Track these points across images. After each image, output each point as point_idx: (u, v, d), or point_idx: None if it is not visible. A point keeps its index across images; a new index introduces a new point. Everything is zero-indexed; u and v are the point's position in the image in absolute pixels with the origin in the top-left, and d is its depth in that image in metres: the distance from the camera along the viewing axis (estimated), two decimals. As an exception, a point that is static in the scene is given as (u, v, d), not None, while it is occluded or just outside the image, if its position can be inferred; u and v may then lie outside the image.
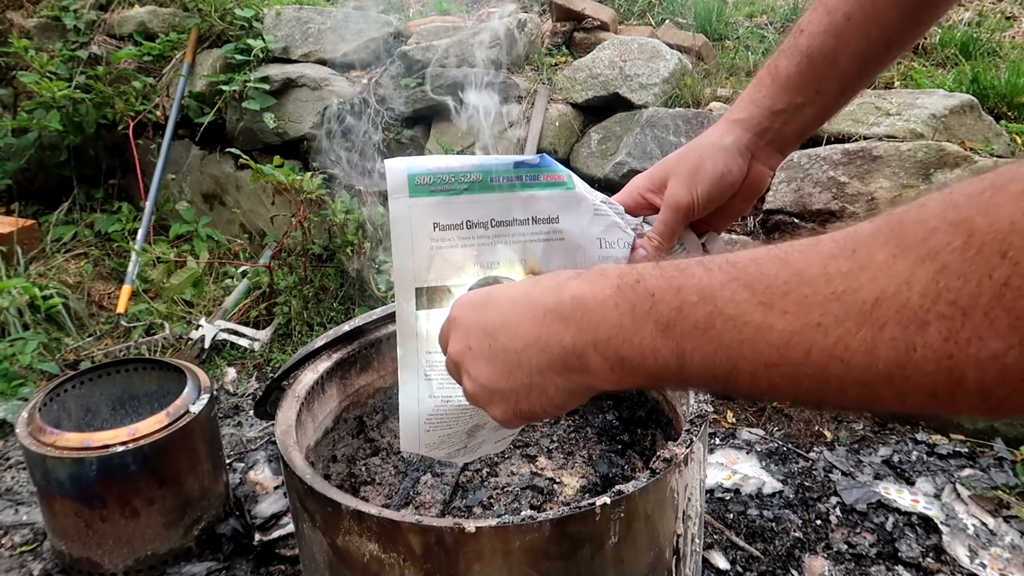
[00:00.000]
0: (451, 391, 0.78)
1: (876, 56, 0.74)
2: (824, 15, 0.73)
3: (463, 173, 0.75)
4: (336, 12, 3.22)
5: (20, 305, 2.65)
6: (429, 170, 0.74)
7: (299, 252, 2.80)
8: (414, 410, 0.79)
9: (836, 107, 0.78)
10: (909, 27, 0.72)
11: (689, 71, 2.66)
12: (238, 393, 2.53)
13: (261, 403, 1.25)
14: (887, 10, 0.70)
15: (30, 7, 3.81)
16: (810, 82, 0.75)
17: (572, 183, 0.80)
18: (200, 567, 1.72)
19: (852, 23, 0.72)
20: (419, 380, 0.78)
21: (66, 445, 1.60)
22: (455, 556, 0.91)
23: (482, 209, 0.76)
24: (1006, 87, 2.35)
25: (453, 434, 0.82)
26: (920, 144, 2.14)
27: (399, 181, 0.74)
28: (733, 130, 0.79)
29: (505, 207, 0.76)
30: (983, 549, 1.75)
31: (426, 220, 0.74)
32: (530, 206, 0.77)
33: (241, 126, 3.15)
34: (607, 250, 0.80)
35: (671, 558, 1.05)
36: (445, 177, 0.74)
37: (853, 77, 0.75)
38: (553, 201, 0.78)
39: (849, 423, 2.24)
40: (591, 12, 2.97)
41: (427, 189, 0.74)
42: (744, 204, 0.84)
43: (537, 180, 0.78)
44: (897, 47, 0.74)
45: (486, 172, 0.76)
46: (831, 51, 0.73)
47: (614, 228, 0.81)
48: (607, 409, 1.43)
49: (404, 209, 0.74)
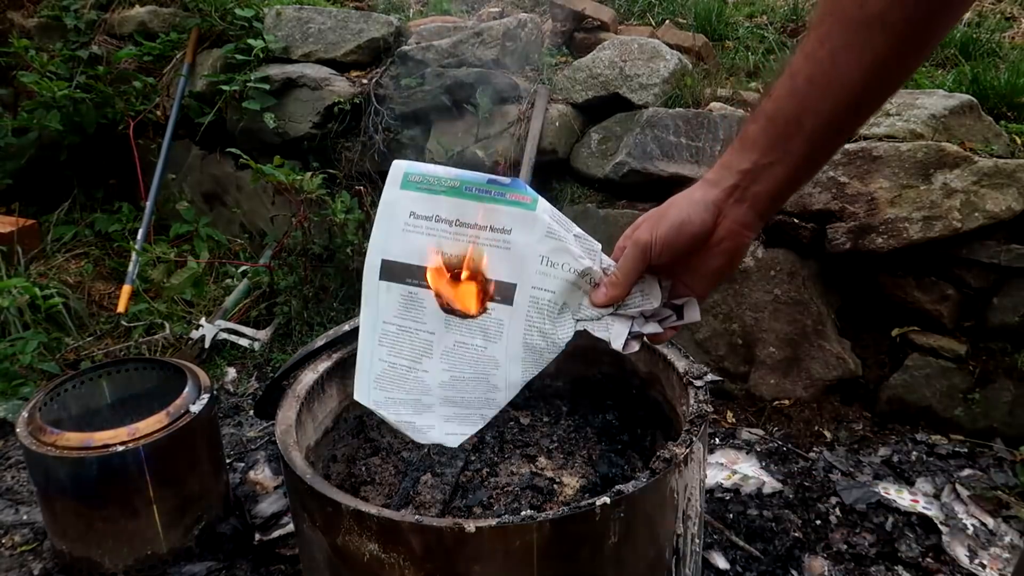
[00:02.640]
0: (398, 359, 0.94)
1: (842, 118, 0.74)
2: (787, 79, 0.75)
3: (445, 179, 0.91)
4: (336, 12, 3.22)
5: (20, 305, 2.64)
6: (420, 172, 0.92)
7: (299, 252, 2.80)
8: (367, 367, 0.96)
9: (809, 168, 0.79)
10: (874, 89, 0.72)
11: (689, 71, 2.66)
12: (238, 393, 2.53)
13: (261, 403, 1.25)
14: (849, 72, 0.70)
15: (30, 7, 3.81)
16: (775, 143, 0.76)
17: (535, 207, 0.91)
18: (200, 567, 1.72)
19: (814, 86, 0.72)
20: (374, 344, 0.95)
21: (66, 445, 1.60)
22: (455, 556, 0.91)
23: (451, 209, 0.91)
24: (1006, 87, 2.35)
25: (398, 399, 0.96)
26: (920, 144, 2.14)
27: (396, 175, 0.92)
28: (703, 187, 0.83)
29: (470, 212, 0.91)
30: (982, 549, 1.75)
31: (406, 208, 0.92)
32: (491, 216, 0.91)
33: (241, 126, 3.15)
34: (548, 268, 0.89)
35: (671, 558, 1.05)
36: (431, 179, 0.92)
37: (820, 139, 0.75)
38: (511, 216, 0.90)
39: (849, 423, 2.25)
40: (591, 12, 2.97)
41: (415, 185, 0.92)
42: (719, 262, 0.84)
43: (503, 197, 0.91)
44: (866, 109, 0.75)
45: (463, 182, 0.91)
46: (793, 114, 0.74)
47: (562, 252, 0.90)
48: (607, 409, 1.43)
49: (393, 196, 0.92)
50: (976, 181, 2.08)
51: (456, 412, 0.97)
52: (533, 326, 0.90)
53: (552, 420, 1.46)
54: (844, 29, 0.70)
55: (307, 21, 3.22)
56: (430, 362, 0.94)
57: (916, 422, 2.23)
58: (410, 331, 0.94)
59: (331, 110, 2.97)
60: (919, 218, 2.11)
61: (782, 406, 2.31)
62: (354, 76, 3.10)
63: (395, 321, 0.94)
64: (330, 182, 2.95)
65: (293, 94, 3.07)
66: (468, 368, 0.93)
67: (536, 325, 0.90)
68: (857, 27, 0.69)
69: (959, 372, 2.16)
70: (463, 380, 0.94)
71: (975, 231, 2.09)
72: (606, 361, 1.46)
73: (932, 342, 2.20)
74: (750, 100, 2.50)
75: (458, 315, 0.92)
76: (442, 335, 0.93)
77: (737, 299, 2.32)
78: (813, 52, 0.73)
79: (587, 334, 0.91)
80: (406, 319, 0.94)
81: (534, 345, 0.91)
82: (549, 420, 1.46)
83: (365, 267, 0.92)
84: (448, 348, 0.93)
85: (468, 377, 0.94)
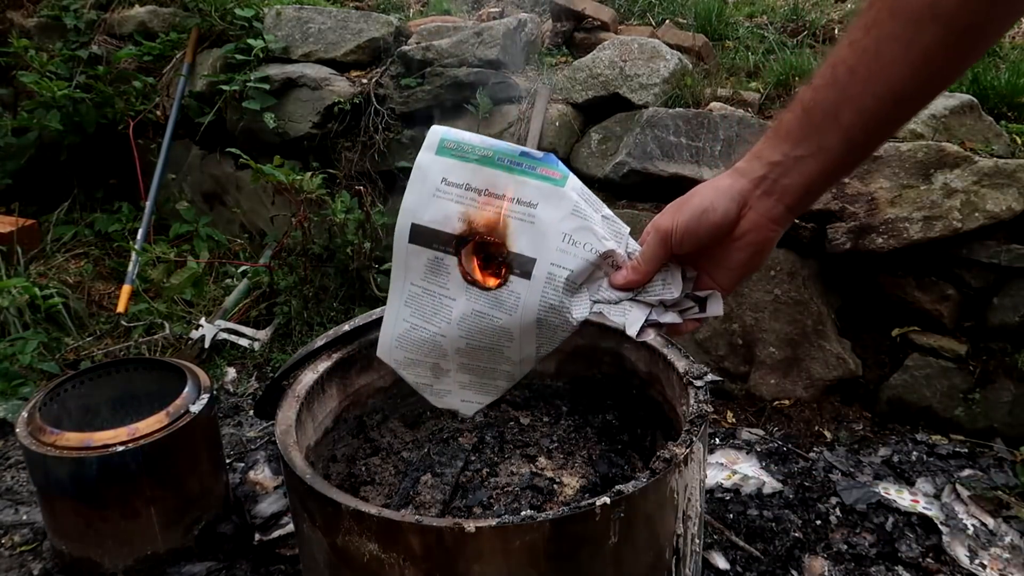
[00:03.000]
0: (419, 321, 0.96)
1: (884, 114, 0.69)
2: (828, 68, 0.70)
3: (479, 148, 0.92)
4: (336, 12, 3.22)
5: (20, 305, 2.64)
6: (456, 139, 0.93)
7: (299, 252, 2.80)
8: (391, 324, 0.98)
9: (844, 165, 0.74)
10: (920, 85, 0.67)
11: (689, 71, 2.66)
12: (238, 393, 2.53)
13: (261, 403, 1.25)
14: (894, 66, 0.66)
15: (30, 7, 3.81)
16: (809, 136, 0.73)
17: (564, 183, 0.90)
18: (200, 567, 1.72)
19: (856, 78, 0.68)
20: (400, 304, 0.97)
21: (66, 445, 1.60)
22: (455, 556, 0.91)
23: (482, 178, 0.91)
24: (1006, 87, 2.35)
25: (418, 360, 0.99)
26: (920, 144, 2.14)
27: (433, 140, 0.94)
28: (731, 176, 0.79)
29: (500, 183, 0.91)
30: (983, 549, 1.75)
31: (439, 174, 0.92)
32: (519, 189, 0.90)
33: (241, 126, 3.15)
34: (569, 246, 0.88)
35: (671, 558, 1.05)
36: (465, 147, 0.92)
37: (859, 135, 0.70)
38: (539, 191, 0.90)
39: (849, 423, 2.24)
40: (591, 12, 2.97)
41: (449, 152, 0.92)
42: (743, 255, 0.80)
43: (534, 171, 0.91)
44: (909, 107, 0.70)
45: (497, 152, 0.91)
46: (831, 106, 0.70)
47: (586, 232, 0.89)
48: (607, 409, 1.43)
49: (427, 161, 0.93)
50: (976, 181, 2.08)
51: (472, 380, 1.00)
52: (548, 302, 0.89)
53: (552, 420, 1.46)
54: (892, 17, 0.65)
55: (307, 21, 3.22)
56: (449, 327, 0.95)
57: (916, 422, 2.23)
58: (434, 295, 0.95)
59: (331, 110, 2.97)
60: (919, 218, 2.11)
61: (782, 406, 2.31)
62: (354, 76, 3.10)
63: (421, 284, 0.95)
64: (330, 182, 2.95)
65: (293, 94, 3.07)
66: (484, 338, 0.94)
67: (551, 302, 0.89)
68: (906, 16, 0.64)
69: (959, 372, 2.16)
70: (479, 349, 0.95)
71: (975, 231, 2.09)
72: (606, 361, 1.46)
73: (932, 342, 2.20)
74: (750, 100, 2.50)
75: (478, 286, 0.92)
76: (462, 302, 0.93)
77: (737, 299, 2.32)
78: (857, 41, 0.68)
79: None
80: (431, 283, 0.95)
81: (548, 321, 0.91)
82: (549, 420, 1.46)
83: (396, 230, 0.93)
84: (466, 315, 0.93)
85: (484, 346, 0.95)
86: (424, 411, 1.50)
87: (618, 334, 1.40)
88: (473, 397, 1.02)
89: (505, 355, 0.95)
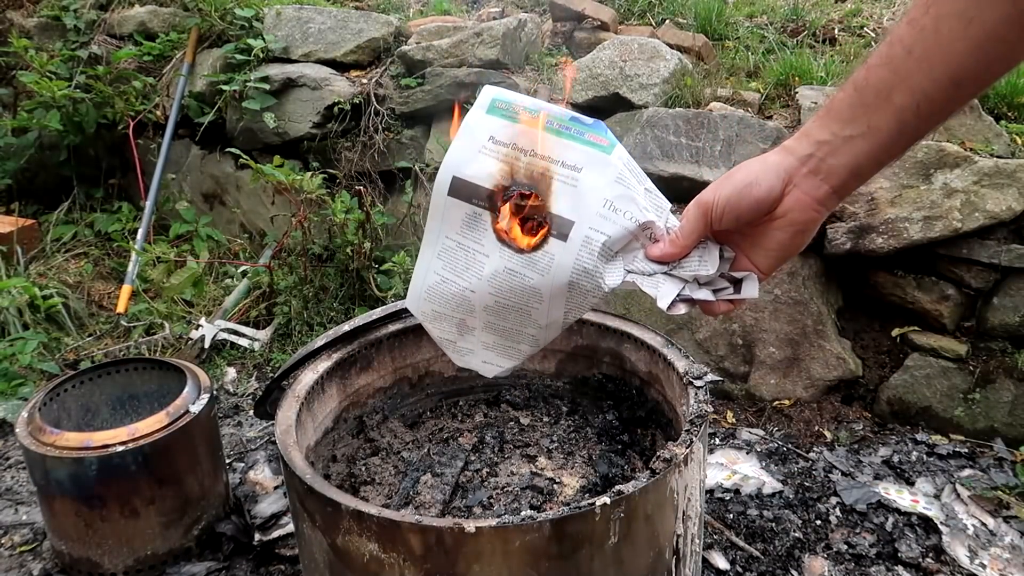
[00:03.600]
0: (450, 275, 0.96)
1: (940, 96, 0.66)
2: (885, 46, 0.68)
3: (530, 109, 0.91)
4: (336, 12, 3.22)
5: (20, 305, 2.64)
6: (507, 99, 0.92)
7: (299, 252, 2.80)
8: (422, 276, 0.98)
9: (895, 147, 0.71)
10: (979, 66, 0.64)
11: (689, 71, 2.66)
12: (238, 393, 2.53)
13: (261, 403, 1.25)
14: (953, 44, 0.63)
15: (30, 7, 3.81)
16: (859, 115, 0.70)
17: (610, 151, 0.90)
18: (200, 567, 1.72)
19: (912, 56, 0.65)
20: (433, 256, 0.97)
21: (66, 445, 1.60)
22: (455, 556, 0.91)
23: (529, 139, 0.91)
24: (1006, 87, 2.35)
25: (444, 315, 0.99)
26: (920, 144, 2.14)
27: (485, 99, 0.93)
28: (779, 153, 0.77)
29: (548, 145, 0.90)
30: (983, 549, 1.75)
31: (487, 131, 0.92)
32: (565, 152, 0.90)
33: (241, 126, 3.15)
34: (610, 212, 0.88)
35: (671, 558, 1.05)
36: (516, 107, 0.91)
37: (911, 116, 0.68)
38: (585, 155, 0.89)
39: (849, 423, 2.24)
40: (591, 12, 2.97)
41: (500, 111, 0.92)
42: (784, 236, 0.79)
43: (582, 136, 0.90)
44: (968, 90, 0.66)
45: (548, 115, 0.90)
46: (884, 85, 0.68)
47: (628, 200, 0.88)
48: (607, 409, 1.43)
49: (476, 119, 0.92)
50: (976, 181, 2.08)
51: (496, 341, 1.00)
52: (582, 266, 0.88)
53: (552, 420, 1.46)
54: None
55: (307, 21, 3.22)
56: (479, 283, 0.94)
57: (916, 422, 2.23)
58: (468, 249, 0.94)
59: (331, 110, 2.97)
60: (919, 218, 2.11)
61: (782, 406, 2.31)
62: (354, 76, 3.10)
63: (455, 238, 0.95)
64: (330, 182, 2.95)
65: (293, 94, 3.07)
66: (513, 297, 0.93)
67: (585, 265, 0.88)
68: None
69: (959, 372, 2.16)
70: (507, 308, 0.95)
71: (975, 231, 2.09)
72: (606, 361, 1.46)
73: (932, 342, 2.20)
74: (750, 100, 2.50)
75: (512, 247, 0.92)
76: (495, 259, 0.92)
77: (737, 299, 2.32)
78: (916, 19, 0.65)
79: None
80: (467, 237, 0.94)
81: (579, 285, 0.90)
82: (549, 420, 1.46)
83: (436, 182, 0.93)
84: (498, 272, 0.92)
85: (512, 306, 0.94)
86: (424, 411, 1.50)
87: (618, 334, 1.41)
88: (495, 359, 1.01)
89: (532, 317, 0.94)
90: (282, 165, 2.67)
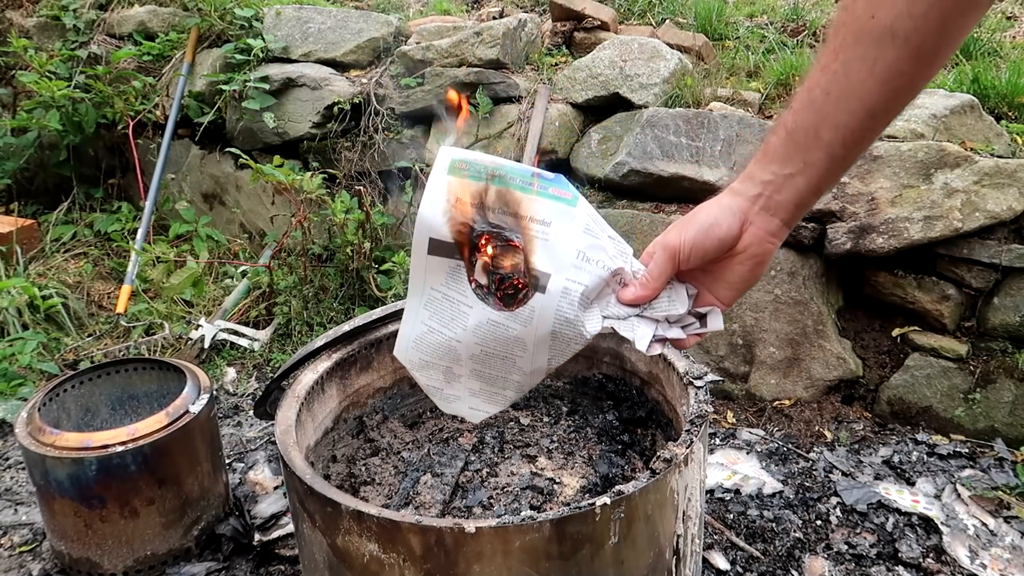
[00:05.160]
0: (437, 325, 0.98)
1: (859, 128, 0.75)
2: (805, 92, 0.76)
3: (490, 168, 0.92)
4: (336, 12, 3.21)
5: (20, 305, 2.64)
6: (467, 159, 0.94)
7: (299, 252, 2.80)
8: (410, 326, 1.00)
9: (830, 177, 0.80)
10: (888, 100, 0.73)
11: (689, 71, 2.66)
12: (238, 393, 2.53)
13: (261, 403, 1.25)
14: (863, 84, 0.72)
15: (30, 6, 3.81)
16: (794, 155, 0.78)
17: (575, 203, 0.92)
18: (200, 567, 1.72)
19: (830, 98, 0.74)
20: (420, 306, 0.99)
21: (65, 445, 1.60)
22: (455, 556, 0.91)
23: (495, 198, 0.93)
24: (1007, 87, 2.35)
25: (432, 363, 1.01)
26: (920, 144, 2.13)
27: (444, 161, 0.94)
28: (729, 195, 0.85)
29: (514, 202, 0.92)
30: (983, 549, 1.74)
31: (452, 192, 0.93)
32: (532, 207, 0.92)
33: (241, 126, 3.15)
34: (583, 262, 0.90)
35: (671, 558, 1.04)
36: (477, 167, 0.92)
37: (839, 149, 0.76)
38: (552, 210, 0.92)
39: (849, 423, 2.24)
40: (591, 12, 2.97)
41: (461, 172, 0.93)
42: (745, 269, 0.86)
43: (546, 191, 0.92)
44: (882, 120, 0.76)
45: (509, 172, 0.92)
46: (811, 126, 0.76)
47: (598, 249, 0.91)
48: (607, 409, 1.43)
49: (440, 180, 0.93)
50: (977, 181, 2.08)
51: (482, 388, 1.01)
52: (563, 315, 0.91)
53: (552, 420, 1.46)
54: (856, 41, 0.71)
55: (307, 21, 3.22)
56: (464, 334, 0.96)
57: (917, 422, 2.23)
58: (452, 300, 0.97)
59: (331, 110, 2.97)
60: (920, 218, 2.11)
61: (782, 406, 2.30)
62: (354, 76, 3.09)
63: (441, 289, 0.97)
64: (330, 182, 2.95)
65: (293, 94, 3.07)
66: (498, 346, 0.96)
67: (566, 315, 0.91)
68: (868, 39, 0.70)
69: (960, 372, 2.16)
70: (492, 356, 0.97)
71: (976, 231, 2.09)
72: (606, 361, 1.45)
73: (933, 342, 2.20)
74: (750, 100, 2.50)
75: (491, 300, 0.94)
76: (478, 310, 0.95)
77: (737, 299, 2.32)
78: (828, 64, 0.74)
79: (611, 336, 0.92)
80: (451, 289, 0.96)
81: (562, 334, 0.92)
82: (549, 420, 1.46)
83: (414, 241, 0.95)
84: (481, 323, 0.95)
85: (496, 354, 0.96)
86: (424, 411, 1.50)
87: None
88: (481, 405, 1.03)
89: (517, 365, 0.97)
90: (282, 165, 2.67)
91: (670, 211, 2.39)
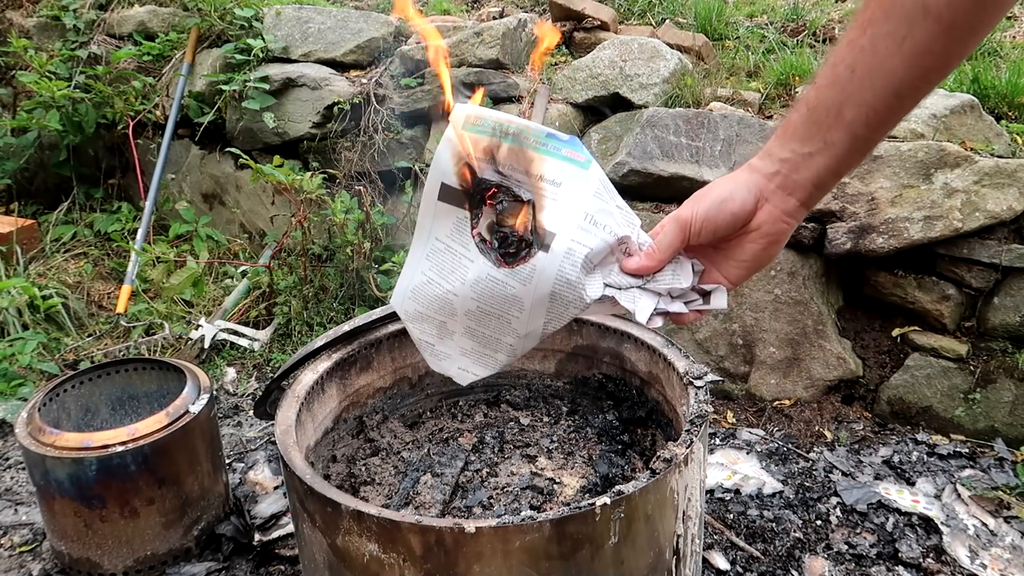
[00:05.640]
0: (436, 276, 0.97)
1: (884, 108, 0.72)
2: (829, 68, 0.74)
3: (506, 126, 0.91)
4: (336, 12, 3.21)
5: (20, 305, 2.64)
6: (481, 115, 0.93)
7: (299, 252, 2.80)
8: (409, 275, 1.00)
9: (851, 157, 0.77)
10: (915, 79, 0.70)
11: (689, 71, 2.66)
12: (238, 393, 2.53)
13: (261, 403, 1.25)
14: (890, 61, 0.69)
15: (30, 6, 3.81)
16: (815, 133, 0.76)
17: (587, 167, 0.91)
18: (200, 567, 1.72)
19: (855, 75, 0.72)
20: (421, 256, 0.98)
21: (65, 445, 1.60)
22: (455, 556, 0.91)
23: (508, 155, 0.92)
24: (1007, 87, 2.34)
25: (426, 316, 1.00)
26: (921, 144, 2.13)
27: (458, 116, 0.93)
28: (747, 171, 0.83)
29: (526, 160, 0.91)
30: (984, 550, 1.74)
31: (466, 144, 0.92)
32: (544, 166, 0.91)
33: (241, 126, 3.15)
34: (590, 225, 0.89)
35: (671, 558, 1.04)
36: (492, 124, 0.92)
37: (862, 129, 0.74)
38: (563, 171, 0.91)
39: (849, 423, 2.24)
40: (591, 12, 2.97)
41: (475, 128, 0.92)
42: (757, 248, 0.84)
43: (559, 152, 0.91)
44: (908, 100, 0.73)
45: (524, 131, 0.91)
46: (834, 104, 0.74)
47: (606, 214, 0.90)
48: (607, 409, 1.43)
49: (455, 132, 0.92)
50: (977, 181, 2.08)
51: (474, 347, 1.00)
52: (565, 277, 0.89)
53: (552, 420, 1.46)
54: (886, 16, 0.69)
55: (306, 21, 3.22)
56: (462, 288, 0.95)
57: (917, 422, 2.23)
58: (455, 252, 0.96)
59: (331, 110, 2.97)
60: (920, 218, 2.11)
61: (782, 406, 2.30)
62: (354, 76, 3.09)
63: (445, 240, 0.96)
64: (330, 182, 2.95)
65: (293, 94, 3.07)
66: (494, 304, 0.95)
67: (568, 276, 0.89)
68: (899, 13, 0.68)
69: (960, 372, 2.16)
70: (487, 315, 0.96)
71: (976, 231, 2.08)
72: (606, 361, 1.45)
73: (933, 342, 2.20)
74: (750, 100, 2.50)
75: (491, 255, 0.94)
76: (479, 264, 0.94)
77: (737, 299, 2.32)
78: (855, 40, 0.71)
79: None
80: (455, 241, 0.96)
81: (561, 296, 0.91)
82: (549, 420, 1.46)
83: (425, 186, 0.95)
84: (481, 278, 0.93)
85: (492, 313, 0.95)
86: (424, 411, 1.50)
87: (618, 334, 1.40)
88: (471, 366, 1.02)
89: (512, 326, 0.95)
90: (282, 165, 2.67)
91: (670, 211, 2.38)
